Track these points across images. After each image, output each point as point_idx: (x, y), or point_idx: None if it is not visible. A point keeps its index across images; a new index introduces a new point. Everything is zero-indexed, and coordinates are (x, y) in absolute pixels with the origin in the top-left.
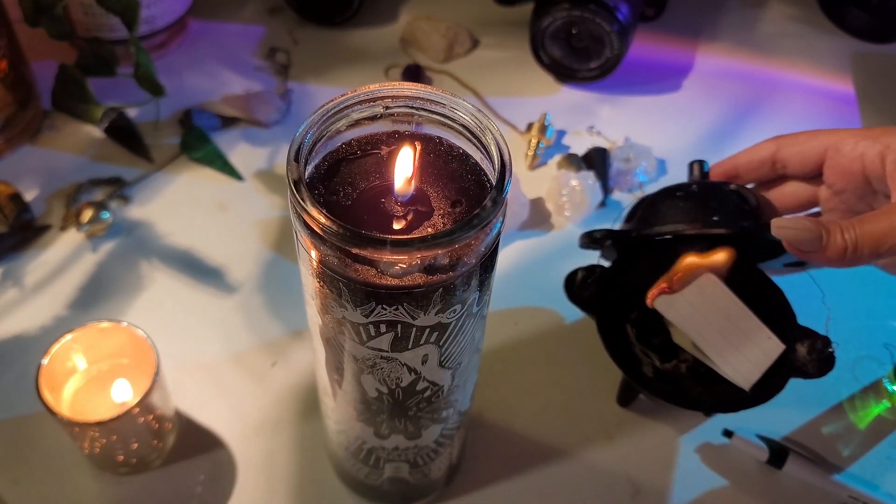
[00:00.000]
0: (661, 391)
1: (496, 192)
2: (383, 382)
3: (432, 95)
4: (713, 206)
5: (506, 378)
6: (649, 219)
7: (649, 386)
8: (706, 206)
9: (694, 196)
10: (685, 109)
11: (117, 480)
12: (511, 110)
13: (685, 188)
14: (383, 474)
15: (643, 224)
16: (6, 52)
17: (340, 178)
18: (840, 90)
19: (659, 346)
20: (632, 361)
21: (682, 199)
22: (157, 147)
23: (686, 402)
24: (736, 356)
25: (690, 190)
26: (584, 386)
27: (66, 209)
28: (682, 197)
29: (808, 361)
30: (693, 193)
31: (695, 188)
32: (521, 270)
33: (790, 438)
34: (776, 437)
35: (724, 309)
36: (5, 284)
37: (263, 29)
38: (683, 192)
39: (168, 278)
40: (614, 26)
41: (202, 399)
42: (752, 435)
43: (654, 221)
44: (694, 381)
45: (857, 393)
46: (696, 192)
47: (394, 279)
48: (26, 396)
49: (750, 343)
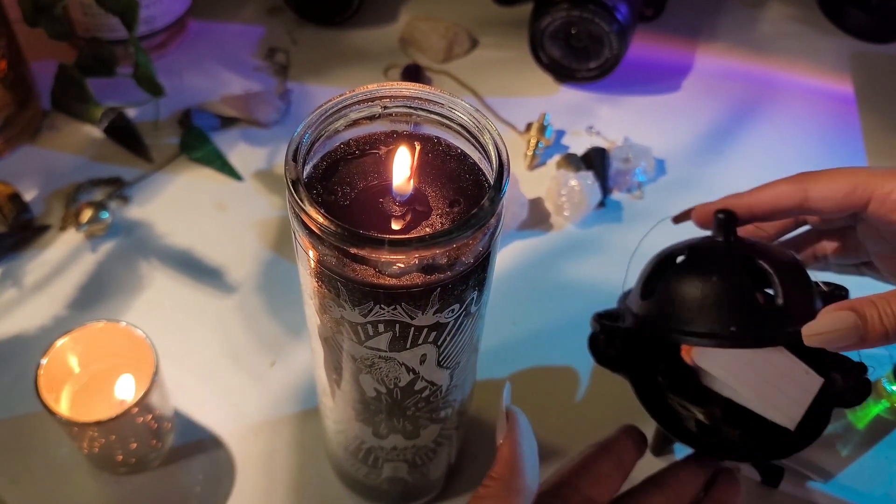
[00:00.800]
0: (709, 446)
1: (494, 192)
2: (382, 382)
3: (430, 95)
4: (735, 309)
5: (504, 378)
6: (664, 307)
7: (695, 442)
8: (730, 306)
9: (718, 289)
10: (684, 109)
11: (116, 480)
12: (510, 110)
13: (709, 269)
14: (382, 474)
15: (657, 311)
16: (6, 52)
17: (339, 177)
18: (839, 90)
19: (693, 394)
20: (668, 414)
21: (704, 288)
22: (156, 147)
23: (734, 454)
24: (778, 396)
25: (713, 275)
26: (583, 386)
27: (66, 209)
28: (704, 285)
29: (847, 390)
30: (716, 285)
31: (717, 280)
32: (520, 270)
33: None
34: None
35: (759, 352)
36: (5, 284)
37: (263, 29)
38: (704, 278)
39: (167, 278)
40: (613, 26)
41: (201, 399)
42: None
43: (669, 311)
44: (732, 426)
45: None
46: (718, 283)
47: (392, 279)
48: (25, 396)
49: (788, 380)
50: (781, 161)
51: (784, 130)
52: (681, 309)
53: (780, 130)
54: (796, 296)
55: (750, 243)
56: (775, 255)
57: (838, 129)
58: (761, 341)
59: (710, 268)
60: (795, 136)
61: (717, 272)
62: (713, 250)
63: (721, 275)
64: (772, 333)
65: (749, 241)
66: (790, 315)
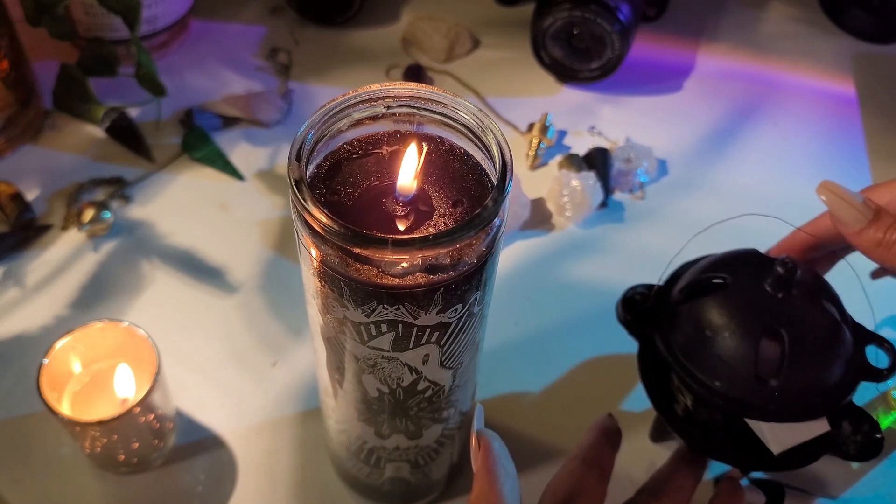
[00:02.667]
0: (689, 435)
1: (497, 192)
2: (384, 382)
3: (434, 95)
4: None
5: (507, 378)
6: (681, 324)
7: (678, 426)
8: (727, 363)
9: (728, 342)
10: (686, 110)
11: (118, 480)
12: (512, 110)
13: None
14: (384, 474)
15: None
16: (8, 52)
17: (342, 177)
18: (841, 91)
19: (698, 389)
20: (668, 397)
21: (717, 333)
22: (158, 147)
23: (712, 451)
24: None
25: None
26: (584, 386)
27: (68, 209)
28: (719, 332)
29: (851, 442)
30: (728, 339)
31: (729, 335)
32: (522, 271)
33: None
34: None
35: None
36: (6, 284)
37: (264, 29)
38: (723, 324)
39: (169, 278)
40: (615, 27)
41: (203, 399)
42: (743, 481)
43: (681, 332)
44: (726, 431)
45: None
46: (731, 338)
47: (395, 279)
48: (27, 396)
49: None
50: (783, 161)
51: (786, 131)
52: (690, 336)
53: (782, 131)
54: (798, 383)
55: (796, 305)
56: (810, 328)
57: (840, 130)
58: (735, 408)
59: (735, 316)
60: (797, 137)
61: (736, 326)
62: (754, 299)
63: (737, 330)
64: (749, 406)
65: (801, 299)
66: (779, 398)
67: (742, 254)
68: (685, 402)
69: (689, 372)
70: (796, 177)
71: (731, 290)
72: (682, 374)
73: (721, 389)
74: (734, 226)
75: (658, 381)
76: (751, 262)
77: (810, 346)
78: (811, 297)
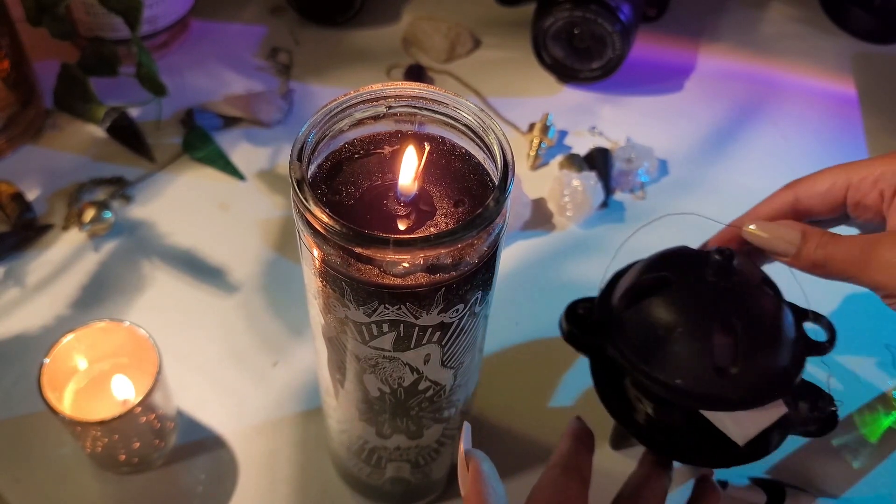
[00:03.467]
0: (652, 441)
1: (499, 192)
2: (385, 382)
3: (435, 95)
4: (688, 364)
5: (507, 378)
6: (632, 330)
7: (641, 434)
8: (685, 359)
9: (680, 337)
10: (687, 110)
11: (119, 480)
12: (513, 110)
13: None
14: (385, 474)
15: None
16: (8, 52)
17: (343, 177)
18: (842, 91)
19: (660, 390)
20: (626, 407)
21: (669, 331)
22: (158, 147)
23: (678, 454)
24: (736, 412)
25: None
26: (585, 387)
27: (68, 209)
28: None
29: (810, 420)
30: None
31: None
32: (523, 271)
33: (783, 469)
34: (770, 465)
35: None
36: (7, 284)
37: (265, 29)
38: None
39: (170, 278)
40: (616, 27)
41: (204, 398)
42: (744, 480)
43: (634, 336)
44: (689, 432)
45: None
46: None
47: (396, 279)
48: (28, 396)
49: None
50: (783, 161)
51: (786, 131)
52: (642, 339)
53: (783, 131)
54: (755, 368)
55: (740, 292)
56: (757, 313)
57: (841, 130)
58: (699, 403)
59: (684, 312)
60: (798, 137)
61: (688, 320)
62: (700, 292)
63: (689, 325)
64: (713, 398)
65: (744, 287)
66: (740, 385)
67: (674, 252)
68: (645, 409)
69: (648, 375)
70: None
71: (674, 286)
72: (642, 378)
73: (684, 386)
74: (656, 227)
75: (614, 391)
76: (685, 257)
77: (760, 329)
78: (751, 282)
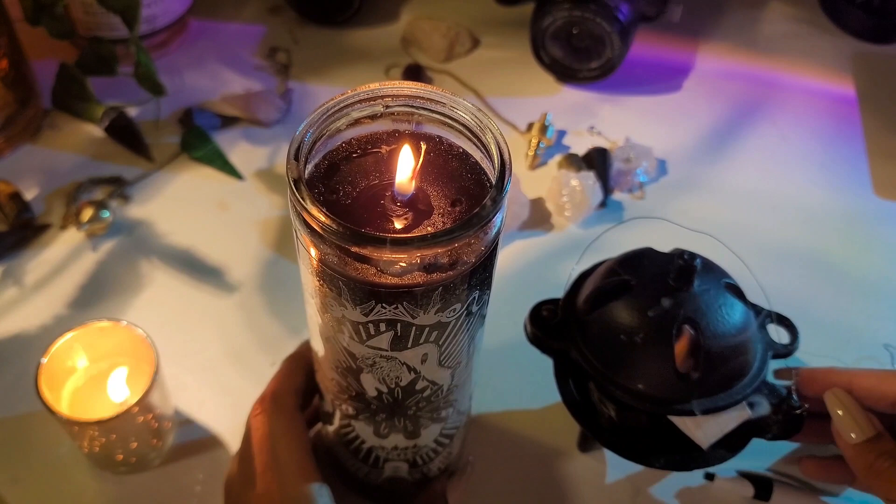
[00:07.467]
0: (614, 444)
1: (496, 192)
2: (383, 381)
3: (432, 94)
4: (649, 370)
5: (505, 378)
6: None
7: (604, 438)
8: (646, 365)
9: (642, 344)
10: (686, 110)
11: (116, 479)
12: (511, 110)
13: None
14: (383, 474)
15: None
16: (7, 51)
17: (340, 176)
18: (841, 91)
19: (622, 395)
20: (590, 410)
21: (631, 337)
22: (157, 146)
23: (642, 458)
24: (699, 416)
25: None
26: None
27: (67, 208)
28: (632, 335)
29: (774, 422)
30: (641, 342)
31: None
32: (521, 270)
33: (772, 469)
34: (761, 459)
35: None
36: (5, 283)
37: (264, 28)
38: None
39: (168, 277)
40: (615, 26)
41: (201, 398)
42: (732, 472)
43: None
44: (652, 436)
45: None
46: (643, 342)
47: (393, 278)
48: (26, 395)
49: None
50: (783, 162)
51: (785, 131)
52: (605, 344)
53: (782, 131)
54: (717, 373)
55: (702, 296)
56: (719, 317)
57: (840, 130)
58: (662, 408)
59: (645, 317)
60: (797, 137)
61: (649, 326)
62: (661, 296)
63: (650, 330)
64: (675, 403)
65: (706, 290)
66: (702, 390)
67: (638, 254)
68: (608, 412)
69: (610, 379)
70: (795, 177)
71: (636, 290)
72: (604, 383)
73: (646, 391)
74: (630, 227)
75: (579, 394)
76: (649, 259)
77: (722, 333)
78: (714, 286)
